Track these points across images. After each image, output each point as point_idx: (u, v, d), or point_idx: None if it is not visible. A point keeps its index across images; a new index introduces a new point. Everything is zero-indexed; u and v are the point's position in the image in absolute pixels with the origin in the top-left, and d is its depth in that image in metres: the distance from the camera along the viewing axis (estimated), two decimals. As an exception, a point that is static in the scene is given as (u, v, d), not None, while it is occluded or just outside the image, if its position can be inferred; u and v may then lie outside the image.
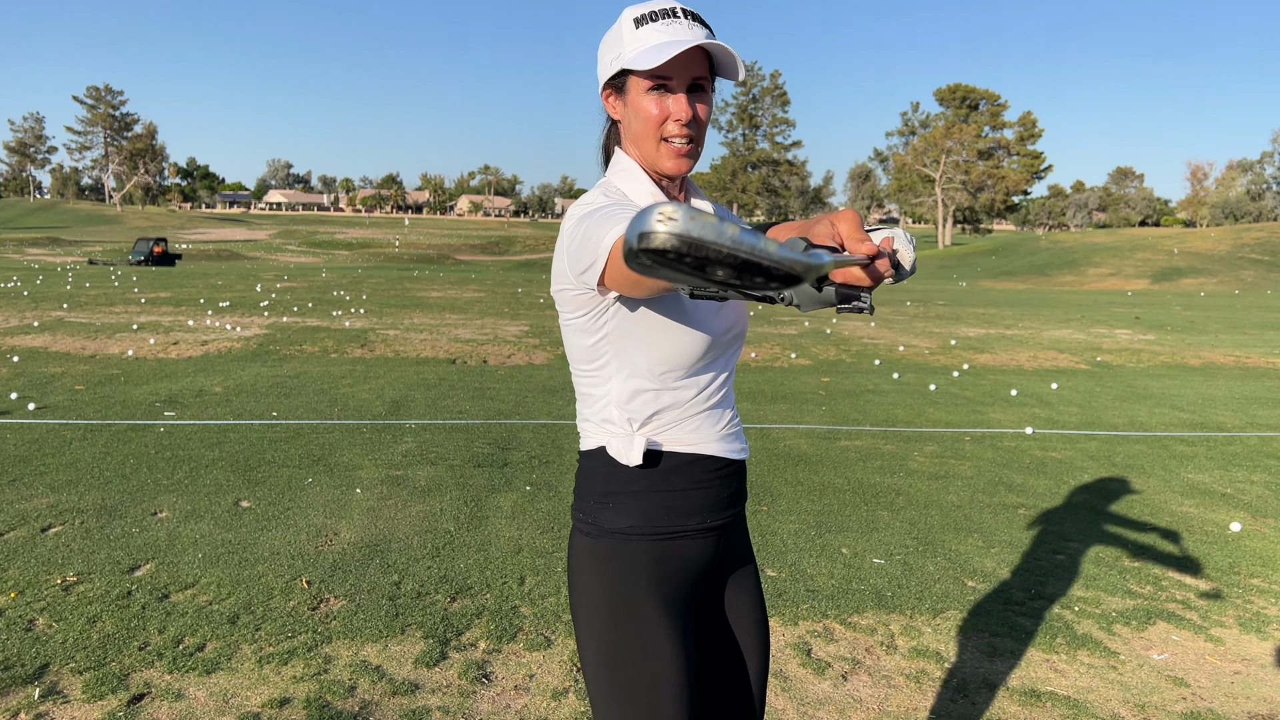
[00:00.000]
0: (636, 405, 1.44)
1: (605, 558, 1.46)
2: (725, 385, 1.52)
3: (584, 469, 1.52)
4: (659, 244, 0.80)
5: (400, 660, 3.05)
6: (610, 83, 1.44)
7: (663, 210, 0.80)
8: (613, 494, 1.46)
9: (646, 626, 1.42)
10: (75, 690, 2.76)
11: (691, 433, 1.47)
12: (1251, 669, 3.22)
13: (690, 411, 1.47)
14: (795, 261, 0.85)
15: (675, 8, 1.39)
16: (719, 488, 1.51)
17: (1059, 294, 31.36)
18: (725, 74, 1.41)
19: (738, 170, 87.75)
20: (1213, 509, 5.14)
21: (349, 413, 7.07)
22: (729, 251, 0.81)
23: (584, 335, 1.44)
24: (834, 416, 7.54)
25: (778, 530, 4.52)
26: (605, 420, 1.47)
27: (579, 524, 1.51)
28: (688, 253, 0.80)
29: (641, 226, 0.81)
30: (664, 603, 1.45)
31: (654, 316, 1.39)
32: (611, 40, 1.42)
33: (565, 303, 1.44)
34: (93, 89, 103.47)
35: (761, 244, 0.83)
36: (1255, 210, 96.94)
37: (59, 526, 4.22)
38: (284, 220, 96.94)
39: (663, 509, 1.45)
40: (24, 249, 45.22)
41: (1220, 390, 9.54)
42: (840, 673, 3.09)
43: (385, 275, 29.31)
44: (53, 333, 11.41)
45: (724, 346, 1.48)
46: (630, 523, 1.45)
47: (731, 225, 0.82)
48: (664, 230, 0.80)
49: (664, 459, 1.46)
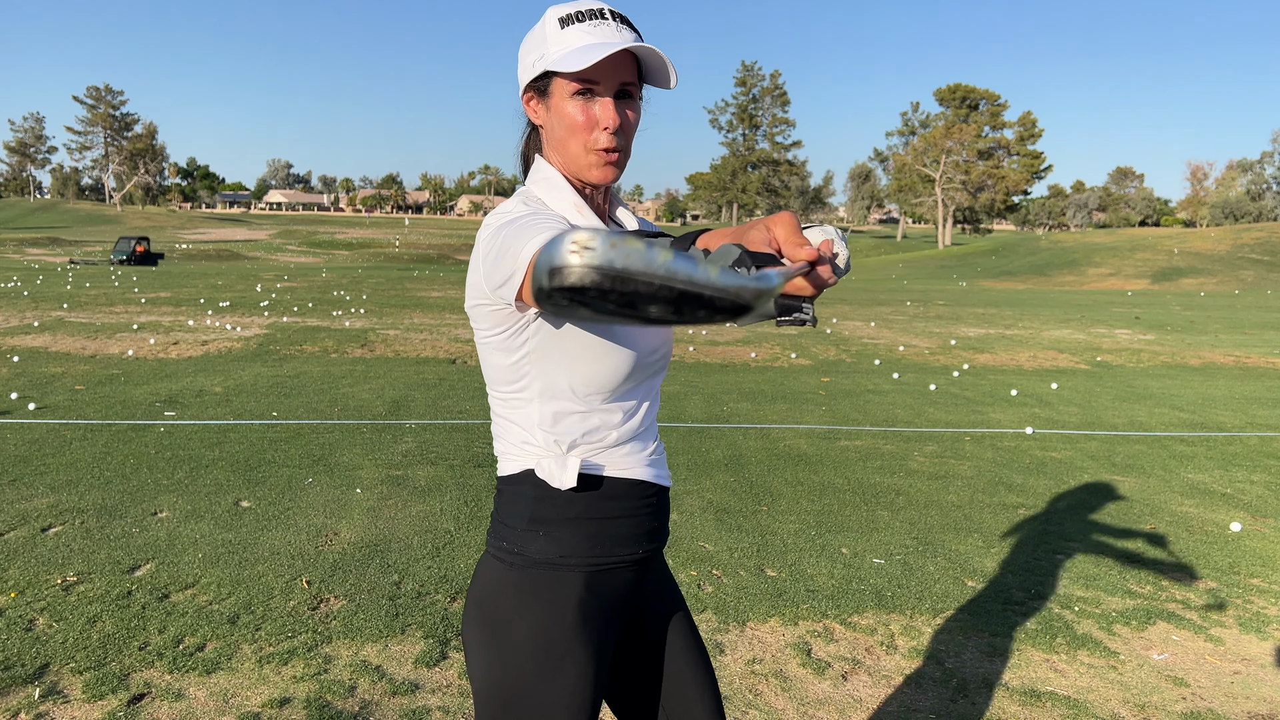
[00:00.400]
0: (562, 428, 1.35)
1: (532, 592, 1.34)
2: (651, 413, 1.44)
3: (507, 494, 1.39)
4: (575, 280, 0.65)
5: (400, 660, 3.05)
6: (532, 85, 1.35)
7: (576, 239, 0.65)
8: (544, 521, 1.35)
9: (575, 678, 1.33)
10: (75, 690, 2.77)
11: (625, 456, 1.39)
12: (1251, 669, 3.22)
13: (622, 435, 1.38)
14: (743, 289, 0.71)
15: (603, 9, 1.31)
16: (649, 516, 1.43)
17: (1059, 294, 31.37)
18: (655, 81, 1.34)
19: (738, 170, 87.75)
20: (1213, 509, 5.14)
21: (349, 413, 7.07)
22: (661, 283, 0.67)
23: (502, 354, 1.35)
24: (834, 416, 7.54)
25: (778, 530, 4.52)
26: (526, 443, 1.37)
27: (499, 555, 1.38)
28: (612, 288, 0.65)
29: (553, 260, 0.66)
30: (593, 648, 1.35)
31: (578, 334, 1.30)
32: (534, 40, 1.33)
33: (481, 319, 1.34)
34: (93, 89, 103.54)
35: (701, 271, 0.68)
36: (1255, 210, 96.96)
37: (59, 526, 4.22)
38: (284, 220, 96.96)
39: (597, 538, 1.36)
40: (24, 249, 45.24)
41: (1220, 390, 9.54)
42: (840, 673, 3.09)
43: (385, 275, 29.31)
44: (53, 333, 11.41)
45: (651, 369, 1.40)
46: (563, 552, 1.34)
47: (663, 250, 0.67)
48: (580, 263, 0.65)
49: (597, 483, 1.36)
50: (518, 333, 1.31)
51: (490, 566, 1.39)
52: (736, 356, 11.02)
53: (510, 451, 1.39)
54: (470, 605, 1.39)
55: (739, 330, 13.92)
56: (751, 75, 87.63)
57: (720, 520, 4.64)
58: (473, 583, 1.42)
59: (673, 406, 7.70)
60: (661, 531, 1.47)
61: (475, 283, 1.31)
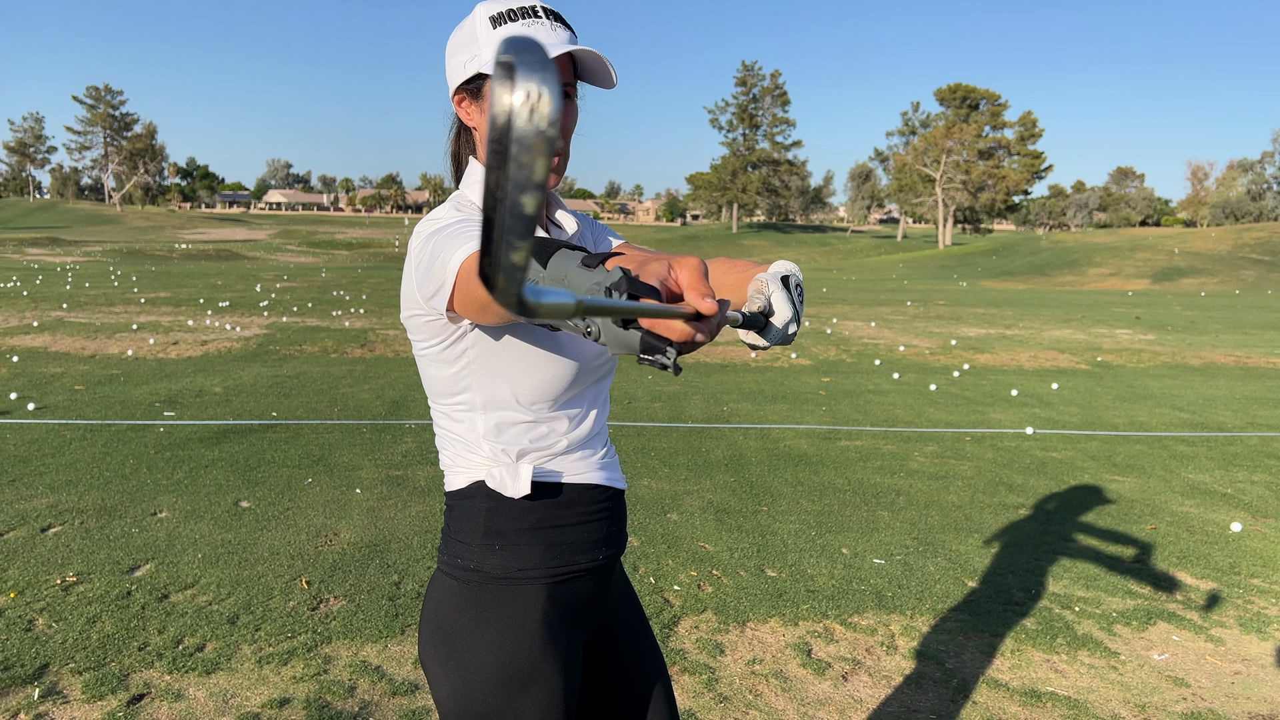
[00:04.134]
0: (509, 437, 1.31)
1: (493, 608, 1.29)
2: (601, 418, 1.42)
3: (458, 510, 1.35)
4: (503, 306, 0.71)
5: (400, 660, 3.05)
6: (464, 86, 1.31)
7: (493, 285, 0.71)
8: (499, 533, 1.31)
9: (547, 694, 1.29)
10: (75, 690, 2.76)
11: (576, 461, 1.36)
12: (1252, 669, 3.22)
13: (573, 442, 1.35)
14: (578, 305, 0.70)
15: (536, 6, 1.28)
16: (606, 521, 1.40)
17: (1059, 294, 31.35)
18: (595, 80, 1.30)
19: (738, 170, 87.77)
20: (1213, 509, 5.14)
21: (349, 413, 7.07)
22: (584, 322, 0.81)
23: (442, 365, 1.31)
24: (834, 416, 7.54)
25: (778, 530, 4.52)
26: (472, 455, 1.33)
27: (452, 572, 1.33)
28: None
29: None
30: (558, 659, 1.31)
31: (517, 345, 1.27)
32: (463, 39, 1.29)
33: (417, 330, 1.30)
34: (93, 89, 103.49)
35: (606, 308, 0.69)
36: (1256, 210, 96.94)
37: (59, 526, 4.22)
38: (284, 220, 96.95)
39: (556, 547, 1.32)
40: (24, 249, 45.22)
41: (1221, 390, 9.53)
42: (840, 673, 3.09)
43: (385, 275, 29.30)
44: (52, 333, 11.41)
45: (595, 375, 1.37)
46: (522, 565, 1.30)
47: (581, 292, 0.78)
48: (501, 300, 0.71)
49: (551, 490, 1.33)
50: (454, 343, 1.28)
51: (445, 585, 1.34)
52: (736, 356, 11.02)
53: (456, 464, 1.35)
54: (426, 626, 1.34)
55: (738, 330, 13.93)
56: (751, 75, 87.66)
57: (720, 520, 4.64)
58: (426, 602, 1.37)
59: (673, 406, 7.70)
60: (620, 536, 1.44)
61: (409, 292, 1.27)
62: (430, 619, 1.34)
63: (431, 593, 1.37)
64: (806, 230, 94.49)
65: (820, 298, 23.25)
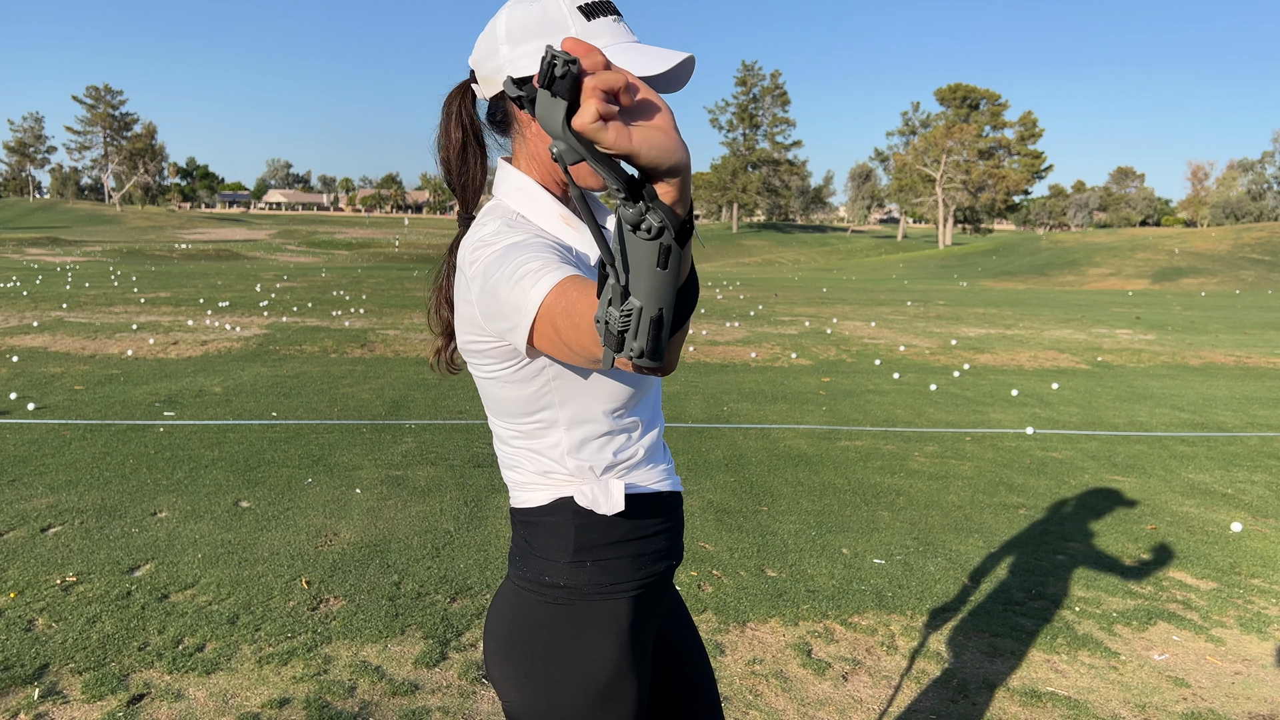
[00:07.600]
0: (589, 451, 1.26)
1: (580, 622, 1.27)
2: (661, 425, 1.39)
3: (542, 528, 1.29)
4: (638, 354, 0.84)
5: (400, 660, 3.05)
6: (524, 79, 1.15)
7: (632, 348, 0.84)
8: (590, 549, 1.27)
9: (631, 704, 1.29)
10: (75, 690, 2.76)
11: (651, 470, 1.33)
12: (1252, 669, 3.22)
13: (644, 447, 1.32)
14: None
15: (610, 1, 1.18)
16: (676, 527, 1.38)
17: (1059, 294, 31.35)
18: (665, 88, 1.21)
19: (738, 170, 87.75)
20: (1213, 509, 5.14)
21: (349, 413, 7.07)
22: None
23: (515, 387, 1.24)
24: (834, 416, 7.54)
25: (778, 530, 4.52)
26: (551, 473, 1.27)
27: (536, 590, 1.29)
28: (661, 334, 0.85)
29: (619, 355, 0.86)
30: (640, 667, 1.31)
31: None
32: (535, 24, 1.14)
33: (481, 355, 1.22)
34: (92, 89, 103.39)
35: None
36: (1256, 210, 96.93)
37: (59, 526, 4.22)
38: (284, 220, 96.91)
39: (640, 558, 1.31)
40: (24, 249, 45.21)
41: (1221, 390, 9.53)
42: (840, 673, 3.09)
43: (385, 275, 29.30)
44: (52, 333, 11.41)
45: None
46: (614, 579, 1.28)
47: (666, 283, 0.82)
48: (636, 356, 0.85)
49: (635, 502, 1.30)
50: (529, 363, 1.21)
51: (526, 601, 1.30)
52: (736, 356, 11.02)
53: (532, 482, 1.30)
54: (500, 642, 1.31)
55: (739, 330, 13.92)
56: (751, 75, 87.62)
57: (720, 520, 4.64)
58: (498, 618, 1.33)
59: (673, 406, 7.70)
60: (682, 539, 1.44)
61: (469, 316, 1.19)
62: (506, 634, 1.31)
63: (505, 609, 1.33)
64: (807, 230, 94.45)
65: (820, 297, 23.25)
